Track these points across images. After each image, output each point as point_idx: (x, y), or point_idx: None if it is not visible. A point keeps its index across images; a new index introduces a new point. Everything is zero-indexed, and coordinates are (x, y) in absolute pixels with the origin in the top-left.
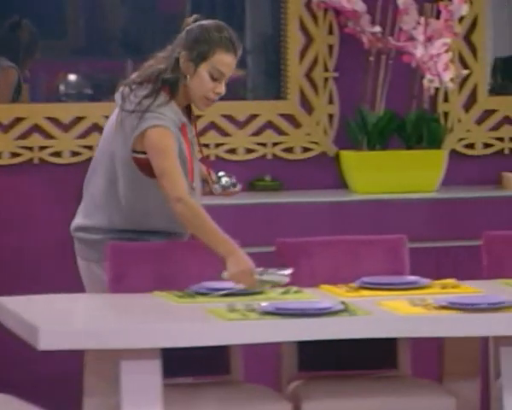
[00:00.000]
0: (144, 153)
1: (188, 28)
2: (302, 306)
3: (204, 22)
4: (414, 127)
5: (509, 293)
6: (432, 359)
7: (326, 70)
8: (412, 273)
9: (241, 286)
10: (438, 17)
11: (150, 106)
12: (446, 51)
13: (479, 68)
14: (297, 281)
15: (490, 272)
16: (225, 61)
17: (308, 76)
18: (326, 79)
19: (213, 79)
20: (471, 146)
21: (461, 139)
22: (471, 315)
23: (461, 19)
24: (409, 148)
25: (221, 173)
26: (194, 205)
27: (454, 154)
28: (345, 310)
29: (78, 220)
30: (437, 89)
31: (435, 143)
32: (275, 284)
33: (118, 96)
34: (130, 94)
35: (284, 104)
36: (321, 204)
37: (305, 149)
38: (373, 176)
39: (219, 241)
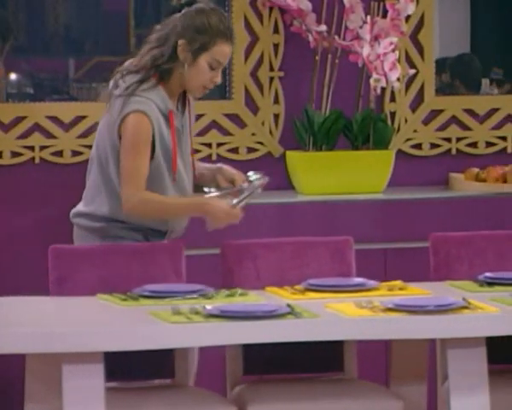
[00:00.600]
0: None
1: (185, 11)
2: (247, 308)
3: (203, 7)
4: (360, 127)
5: (456, 295)
6: (379, 362)
7: (271, 69)
8: (359, 275)
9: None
10: (384, 16)
11: (135, 90)
12: (393, 50)
13: (426, 68)
14: (242, 283)
15: (437, 273)
16: (225, 52)
17: (253, 75)
18: (271, 79)
19: (212, 68)
20: (418, 146)
21: (408, 139)
22: (418, 317)
23: (408, 18)
24: (355, 148)
25: (250, 173)
26: (143, 200)
27: (401, 154)
28: (291, 313)
29: (79, 207)
30: (384, 88)
31: (382, 143)
32: (254, 195)
33: (111, 82)
34: (120, 80)
35: (229, 104)
36: (267, 205)
37: (251, 150)
38: (319, 177)
39: (187, 210)
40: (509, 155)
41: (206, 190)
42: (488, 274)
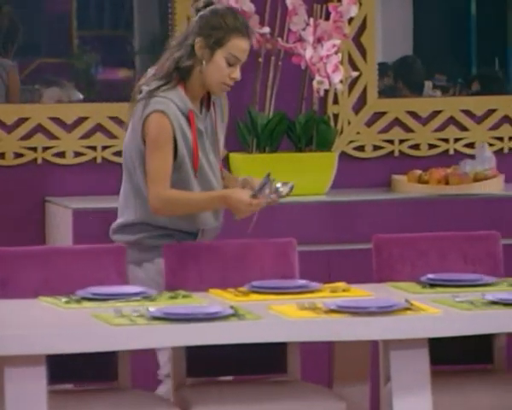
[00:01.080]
0: None
1: (201, 14)
2: (191, 310)
3: (217, 7)
4: (304, 129)
5: (398, 296)
6: (322, 363)
7: None
8: (302, 277)
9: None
10: (327, 18)
11: (155, 90)
12: (336, 53)
13: (368, 70)
14: (185, 285)
15: (380, 275)
16: (241, 47)
17: None
18: None
19: (229, 64)
20: (361, 148)
21: (351, 141)
22: (360, 319)
23: (350, 20)
24: (299, 150)
25: (279, 185)
26: (170, 197)
27: (344, 156)
28: (234, 315)
29: (114, 223)
30: (327, 90)
31: (325, 145)
32: (271, 188)
33: (135, 90)
34: (144, 85)
35: None
36: None
37: None
38: None
39: (210, 204)
40: (451, 157)
41: None
42: (430, 276)
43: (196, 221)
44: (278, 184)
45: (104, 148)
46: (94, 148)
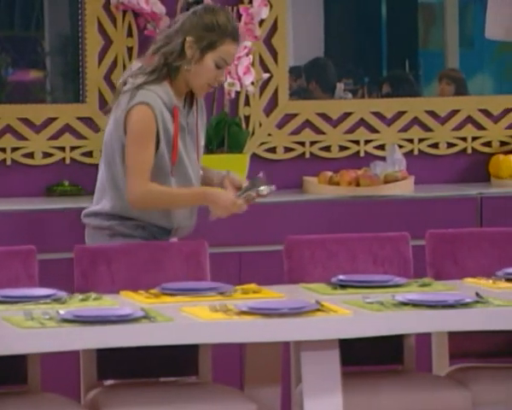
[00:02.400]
0: None
1: (195, 10)
2: (101, 313)
3: (211, 7)
4: (215, 131)
5: (309, 297)
6: (234, 365)
7: None
8: (214, 279)
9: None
10: (238, 20)
11: (142, 84)
12: (247, 55)
13: (279, 72)
14: (96, 287)
15: (291, 276)
16: (231, 51)
17: (107, 79)
18: None
19: (218, 67)
20: (272, 150)
21: (262, 143)
22: (272, 320)
23: (261, 22)
24: (210, 152)
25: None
26: (151, 192)
27: (255, 158)
28: (145, 317)
29: (89, 207)
30: (238, 92)
31: (237, 147)
32: (257, 190)
33: (120, 81)
34: (130, 78)
35: (83, 107)
36: None
37: None
38: None
39: (191, 200)
40: (361, 159)
41: None
42: (341, 277)
43: (171, 218)
44: (262, 186)
45: (14, 149)
46: (3, 150)
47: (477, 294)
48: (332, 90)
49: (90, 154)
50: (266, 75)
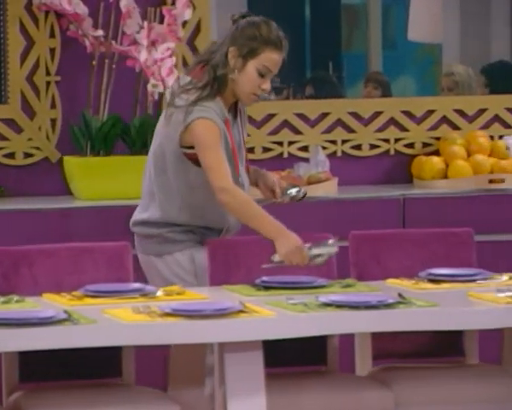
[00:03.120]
0: (193, 147)
1: (237, 24)
2: (23, 315)
3: (254, 19)
4: (138, 132)
5: (233, 299)
6: (157, 367)
7: (48, 74)
8: (137, 280)
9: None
10: (161, 22)
11: (196, 100)
12: (170, 56)
13: None
14: (19, 290)
15: (215, 278)
16: (273, 59)
17: (29, 80)
18: (48, 83)
19: (261, 75)
20: None
21: None
22: (195, 322)
23: (184, 23)
24: (133, 153)
25: (289, 188)
26: (240, 194)
27: None
28: (68, 319)
29: (136, 215)
30: (161, 94)
31: None
32: (326, 256)
33: (168, 95)
34: (183, 94)
35: (5, 109)
36: (45, 211)
37: (28, 155)
38: (97, 182)
39: (267, 225)
40: (285, 160)
41: None
42: (265, 278)
43: (222, 220)
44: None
45: None
46: None
47: (400, 295)
48: None
49: (12, 155)
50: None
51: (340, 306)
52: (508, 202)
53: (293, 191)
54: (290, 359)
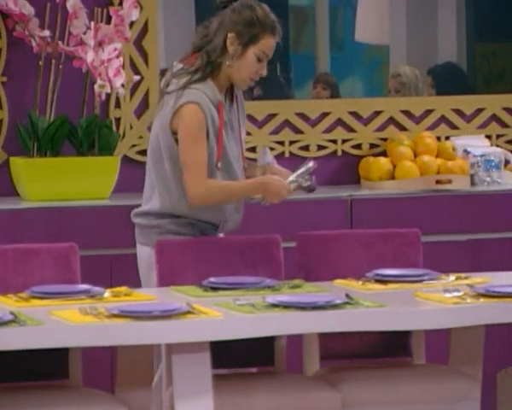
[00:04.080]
0: None
1: (233, 7)
2: None
3: (248, 2)
4: (86, 133)
5: (180, 300)
6: (105, 368)
7: None
8: (84, 282)
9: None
10: (109, 22)
11: (187, 83)
12: (117, 56)
13: (150, 74)
14: None
15: (163, 279)
16: (271, 44)
17: None
18: None
19: (259, 60)
20: (143, 152)
21: (133, 145)
22: (143, 323)
23: (132, 24)
24: (81, 154)
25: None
26: (210, 189)
27: (126, 160)
28: (14, 320)
29: (138, 207)
30: (108, 94)
31: (107, 149)
32: (306, 174)
33: (162, 82)
34: (174, 79)
35: None
36: None
37: None
38: (44, 183)
39: (249, 191)
40: None
41: None
42: (212, 279)
43: (221, 213)
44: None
45: None
46: None
47: (347, 295)
48: None
49: None
50: (137, 77)
51: (287, 306)
52: (454, 202)
53: (301, 179)
54: (238, 360)
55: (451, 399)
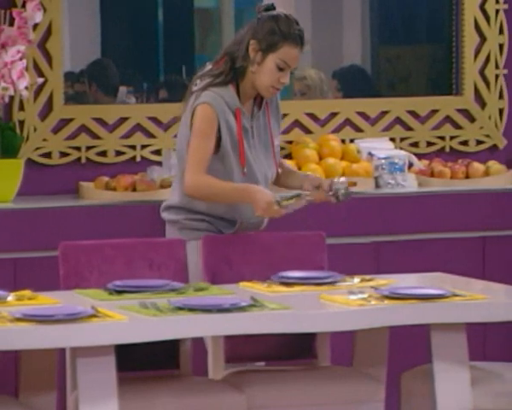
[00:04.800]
0: None
1: (259, 16)
2: None
3: (275, 13)
4: None
5: (85, 303)
6: (8, 373)
7: None
8: None
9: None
10: (12, 24)
11: (207, 85)
12: (21, 59)
13: (54, 76)
14: None
15: (67, 282)
16: (292, 54)
17: None
18: None
19: (279, 69)
20: (48, 155)
21: (37, 148)
22: (47, 326)
23: (35, 26)
24: None
25: (336, 180)
26: (203, 182)
27: (30, 163)
28: None
29: (164, 202)
30: (12, 97)
31: (11, 152)
32: (297, 200)
33: (191, 83)
34: (198, 80)
35: None
36: None
37: None
38: None
39: (238, 195)
40: (138, 164)
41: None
42: (117, 282)
43: (234, 212)
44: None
45: None
46: None
47: (252, 298)
48: (114, 93)
49: None
50: (40, 80)
51: (192, 309)
52: (359, 205)
53: (339, 182)
54: (143, 363)
55: (356, 400)
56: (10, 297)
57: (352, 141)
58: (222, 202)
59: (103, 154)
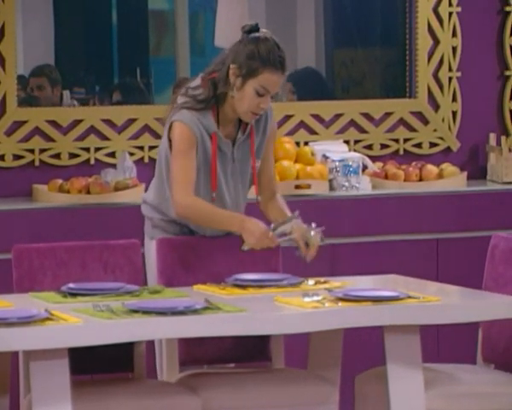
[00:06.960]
0: None
1: (241, 39)
2: None
3: (257, 35)
4: None
5: (39, 306)
6: None
7: None
8: None
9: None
10: None
11: (188, 106)
12: None
13: (8, 79)
14: None
15: (21, 285)
16: (272, 80)
17: None
18: None
19: (259, 95)
20: (1, 158)
21: None
22: (0, 330)
23: None
24: None
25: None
26: (195, 204)
27: None
28: None
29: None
30: None
31: None
32: (290, 233)
33: (178, 94)
34: (183, 92)
35: None
36: None
37: None
38: None
39: (228, 222)
40: (92, 167)
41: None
42: (71, 285)
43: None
44: (312, 232)
45: None
46: None
47: (207, 300)
48: (60, 97)
49: None
50: None
51: (147, 312)
52: (313, 207)
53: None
54: (97, 366)
55: (310, 403)
56: None
57: (306, 143)
58: (212, 226)
59: (57, 156)
